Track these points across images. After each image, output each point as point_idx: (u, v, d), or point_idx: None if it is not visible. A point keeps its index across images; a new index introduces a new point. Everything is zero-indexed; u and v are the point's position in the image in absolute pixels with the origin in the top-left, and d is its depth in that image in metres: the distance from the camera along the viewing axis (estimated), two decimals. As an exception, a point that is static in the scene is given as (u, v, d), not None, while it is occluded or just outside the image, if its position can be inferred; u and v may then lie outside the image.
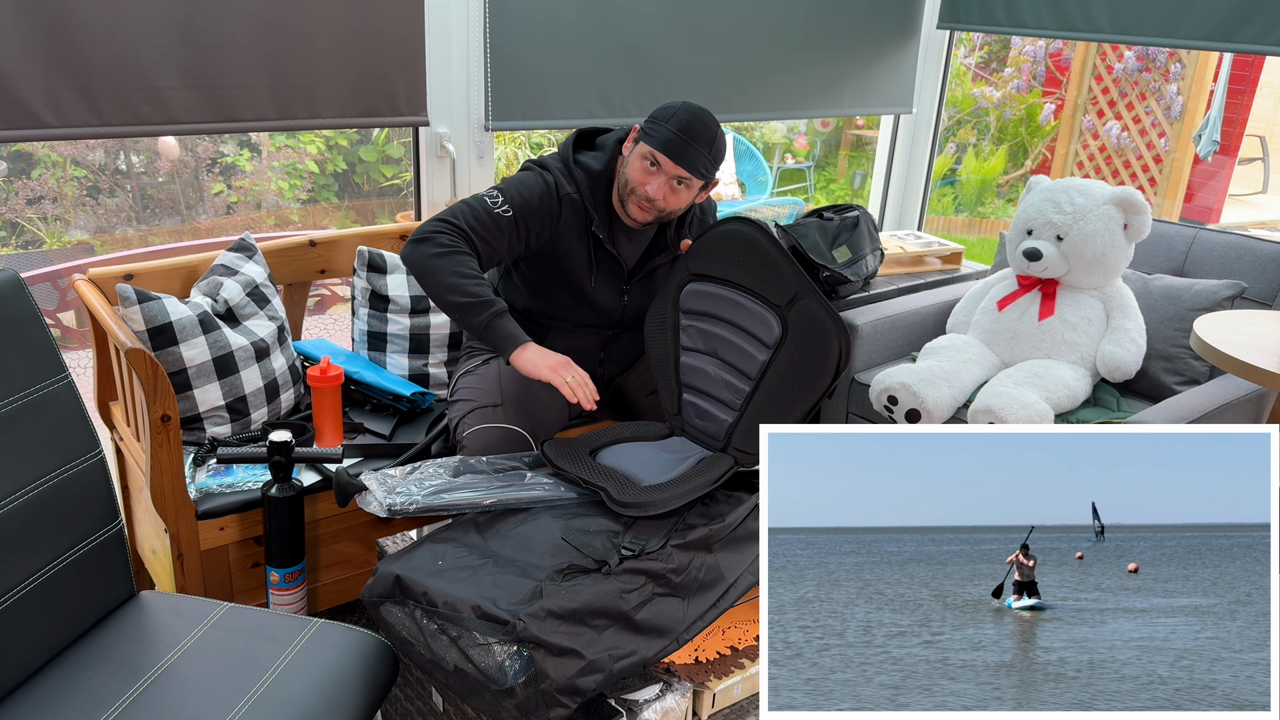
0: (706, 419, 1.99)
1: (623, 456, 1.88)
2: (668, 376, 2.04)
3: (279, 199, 5.69)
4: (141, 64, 2.05)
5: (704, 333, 2.00)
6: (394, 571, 1.54)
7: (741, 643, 1.60)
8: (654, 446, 1.95)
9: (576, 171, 2.06)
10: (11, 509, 1.26)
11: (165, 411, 1.74)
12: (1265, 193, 7.44)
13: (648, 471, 1.83)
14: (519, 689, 1.36)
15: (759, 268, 1.93)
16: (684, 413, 2.03)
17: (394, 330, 2.32)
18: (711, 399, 1.98)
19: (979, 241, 6.44)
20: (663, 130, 1.96)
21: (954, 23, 3.35)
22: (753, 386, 1.93)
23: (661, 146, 1.96)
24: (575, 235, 2.07)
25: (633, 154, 2.02)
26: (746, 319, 1.95)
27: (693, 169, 1.98)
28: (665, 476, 1.81)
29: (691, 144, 1.96)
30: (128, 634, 1.38)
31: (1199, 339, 2.11)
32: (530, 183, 2.03)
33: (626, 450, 1.91)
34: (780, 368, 1.90)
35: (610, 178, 2.09)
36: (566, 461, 1.82)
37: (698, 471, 1.83)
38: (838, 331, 1.86)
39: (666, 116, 1.97)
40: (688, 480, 1.79)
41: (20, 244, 5.04)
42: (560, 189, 2.04)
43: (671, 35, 2.80)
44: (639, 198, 2.01)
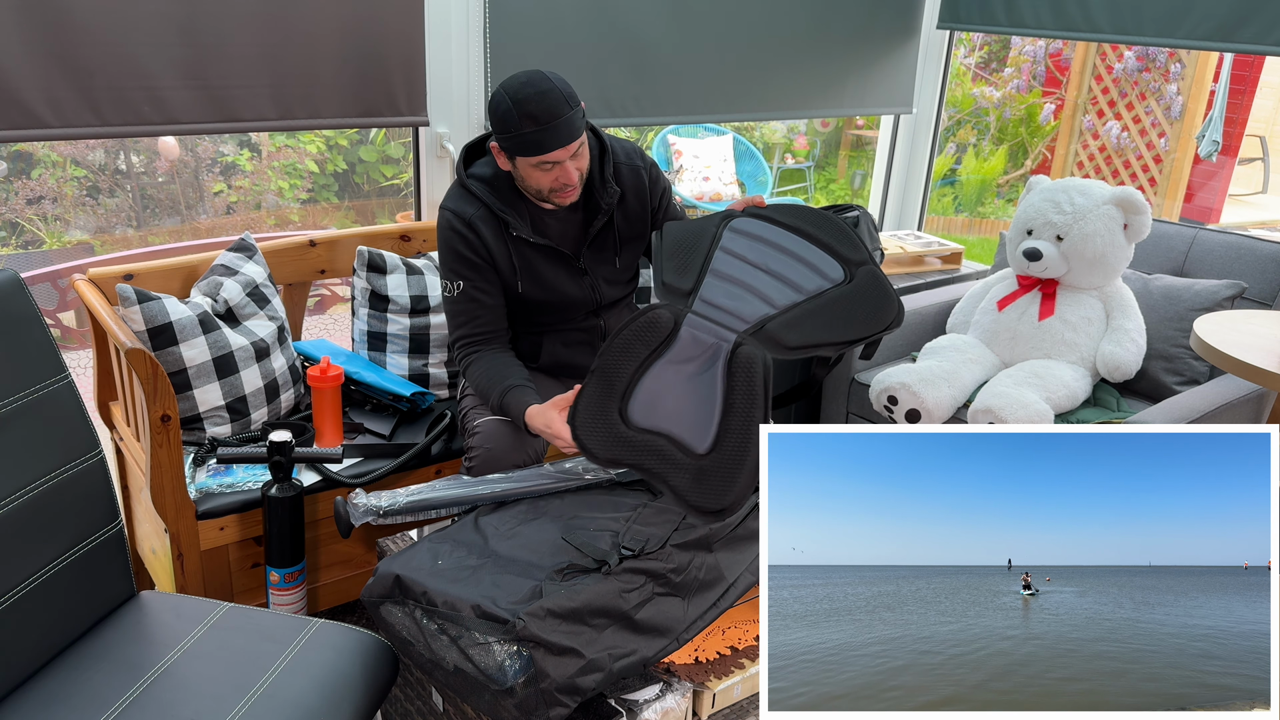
0: (737, 300, 1.75)
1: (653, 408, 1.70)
2: (692, 252, 1.80)
3: (279, 199, 5.69)
4: (141, 64, 2.05)
5: (755, 247, 1.80)
6: (394, 571, 1.54)
7: (741, 643, 1.60)
8: (671, 367, 1.73)
9: (472, 185, 1.99)
10: (11, 509, 1.26)
11: (165, 411, 1.74)
12: (1265, 193, 7.44)
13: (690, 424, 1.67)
14: (519, 688, 1.36)
15: (833, 233, 1.79)
16: (701, 292, 1.76)
17: (394, 330, 2.32)
18: (748, 289, 1.76)
19: (979, 241, 6.44)
20: (525, 134, 1.84)
21: (954, 23, 3.35)
22: (805, 299, 1.73)
23: (539, 147, 1.85)
24: (505, 245, 2.01)
25: (519, 168, 1.92)
26: (809, 255, 1.77)
27: (574, 134, 1.87)
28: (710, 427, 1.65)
29: (556, 120, 1.84)
30: (128, 634, 1.38)
31: (1199, 339, 2.11)
32: (445, 240, 2.00)
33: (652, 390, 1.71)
34: (841, 296, 1.72)
35: (506, 177, 2.00)
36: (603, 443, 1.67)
37: (747, 402, 1.64)
38: (898, 303, 1.72)
39: (513, 120, 1.84)
40: (746, 426, 1.63)
41: (20, 244, 5.05)
42: (463, 216, 1.97)
43: (671, 35, 2.80)
44: (558, 191, 1.93)
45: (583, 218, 2.07)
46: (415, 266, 2.34)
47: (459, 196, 2.00)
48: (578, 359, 2.14)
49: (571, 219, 2.06)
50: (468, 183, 2.00)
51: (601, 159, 2.05)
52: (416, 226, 2.49)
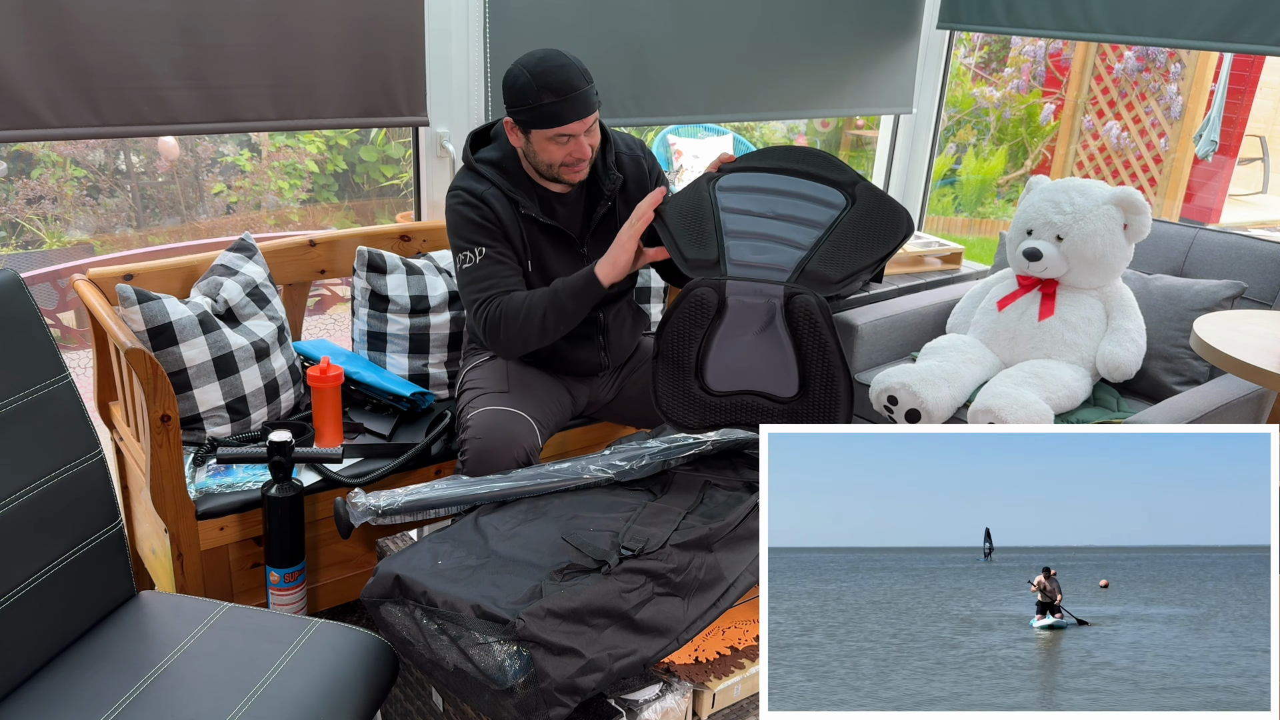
0: (767, 253, 1.79)
1: (730, 373, 1.77)
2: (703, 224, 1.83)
3: (279, 199, 5.69)
4: (141, 64, 2.05)
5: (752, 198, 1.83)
6: (394, 571, 1.54)
7: (741, 643, 1.60)
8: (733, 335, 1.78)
9: (482, 168, 2.02)
10: (11, 509, 1.26)
11: (165, 411, 1.74)
12: (1265, 193, 7.44)
13: (771, 377, 1.74)
14: (519, 688, 1.36)
15: (816, 163, 1.83)
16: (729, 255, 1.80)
17: (394, 330, 2.32)
18: (771, 239, 1.81)
19: (979, 241, 6.44)
20: (544, 106, 1.87)
21: (954, 23, 3.35)
22: (825, 232, 1.79)
23: (557, 119, 1.88)
24: (516, 223, 2.03)
25: (532, 142, 1.95)
26: (804, 190, 1.81)
27: (590, 108, 1.91)
28: (791, 375, 1.73)
29: (574, 93, 1.88)
30: (128, 634, 1.38)
31: (1199, 339, 2.11)
32: (458, 215, 2.00)
33: (723, 360, 1.78)
34: (856, 218, 1.78)
35: (515, 158, 2.03)
36: (695, 414, 1.77)
37: (817, 345, 1.72)
38: (903, 207, 1.78)
39: (531, 92, 1.88)
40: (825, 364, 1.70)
41: (20, 244, 5.05)
42: (474, 192, 1.99)
43: (671, 35, 2.80)
44: (569, 167, 1.97)
45: (586, 204, 2.11)
46: (415, 267, 2.34)
47: (469, 176, 2.03)
48: (578, 354, 2.15)
49: (576, 205, 2.10)
50: (477, 165, 2.03)
51: (604, 148, 2.10)
52: (416, 226, 2.49)
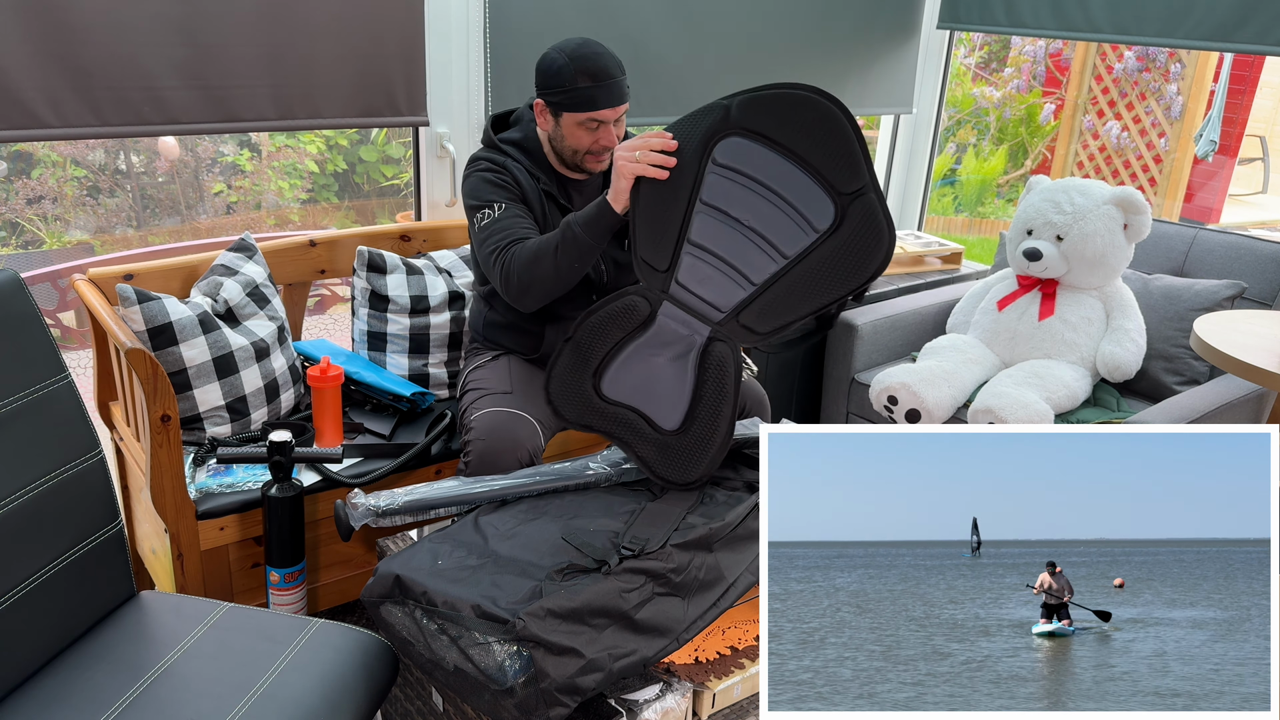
0: (708, 286, 1.73)
1: (625, 385, 1.79)
2: (668, 225, 1.75)
3: (279, 199, 5.69)
4: (141, 64, 2.05)
5: (738, 194, 1.72)
6: (394, 571, 1.54)
7: (741, 643, 1.60)
8: (645, 351, 1.78)
9: (505, 145, 2.05)
10: (11, 509, 1.26)
11: (165, 411, 1.74)
12: (1265, 193, 7.44)
13: (659, 404, 1.76)
14: (519, 688, 1.36)
15: (832, 147, 1.66)
16: (676, 272, 1.75)
17: (394, 330, 2.32)
18: (723, 265, 1.73)
19: (979, 241, 6.44)
20: (580, 90, 1.89)
21: (954, 23, 3.35)
22: (785, 266, 1.69)
23: (591, 104, 1.90)
24: (537, 195, 2.04)
25: (562, 126, 1.97)
26: (797, 195, 1.69)
27: (623, 97, 1.93)
28: (679, 410, 1.75)
29: (610, 81, 1.90)
30: (128, 634, 1.38)
31: (1199, 339, 2.11)
32: (479, 177, 2.01)
33: (625, 370, 1.79)
34: (825, 254, 1.67)
35: (536, 142, 2.05)
36: (576, 409, 1.80)
37: (716, 395, 1.73)
38: (890, 238, 1.66)
39: (568, 75, 1.89)
40: (714, 415, 1.71)
41: (20, 244, 5.05)
42: (496, 161, 2.02)
43: (671, 35, 2.80)
44: (594, 155, 1.99)
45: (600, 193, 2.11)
46: (415, 267, 2.34)
47: (490, 151, 2.05)
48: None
49: (591, 194, 2.12)
50: (499, 143, 2.05)
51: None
52: (416, 226, 2.50)
